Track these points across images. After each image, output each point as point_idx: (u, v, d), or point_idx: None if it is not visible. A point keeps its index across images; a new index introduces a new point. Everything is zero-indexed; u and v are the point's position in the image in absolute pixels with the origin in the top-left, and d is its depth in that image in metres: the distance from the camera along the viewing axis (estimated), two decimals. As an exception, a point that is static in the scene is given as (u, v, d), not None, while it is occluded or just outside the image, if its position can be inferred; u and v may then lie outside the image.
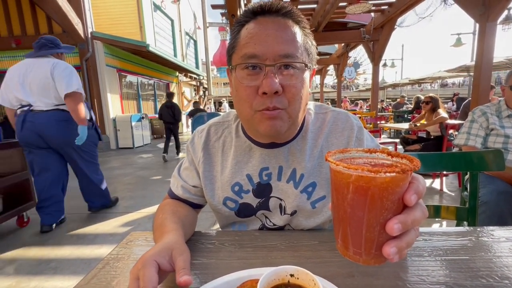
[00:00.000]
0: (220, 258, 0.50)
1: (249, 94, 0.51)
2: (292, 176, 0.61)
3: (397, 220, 0.27)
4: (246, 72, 0.51)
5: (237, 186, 0.63)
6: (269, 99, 0.50)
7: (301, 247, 0.53)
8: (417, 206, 0.29)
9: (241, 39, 0.53)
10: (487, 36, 3.08)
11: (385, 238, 0.28)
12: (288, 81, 0.51)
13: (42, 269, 1.74)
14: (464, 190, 1.58)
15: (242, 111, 0.54)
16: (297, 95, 0.52)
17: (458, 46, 11.34)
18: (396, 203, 0.27)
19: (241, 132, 0.65)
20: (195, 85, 14.35)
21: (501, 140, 1.44)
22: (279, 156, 0.61)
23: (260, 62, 0.50)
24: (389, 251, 0.27)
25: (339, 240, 0.31)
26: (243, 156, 0.64)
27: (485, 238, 0.54)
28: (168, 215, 0.57)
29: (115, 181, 3.94)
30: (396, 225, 0.27)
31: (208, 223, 2.37)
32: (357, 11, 4.51)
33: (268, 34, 0.50)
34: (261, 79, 0.50)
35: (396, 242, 0.28)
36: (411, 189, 0.27)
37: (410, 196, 0.27)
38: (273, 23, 0.51)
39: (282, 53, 0.49)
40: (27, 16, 6.52)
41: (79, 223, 2.47)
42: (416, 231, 0.30)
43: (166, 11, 10.56)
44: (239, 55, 0.52)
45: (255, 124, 0.53)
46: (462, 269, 0.44)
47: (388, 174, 0.25)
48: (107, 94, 6.82)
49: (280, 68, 0.50)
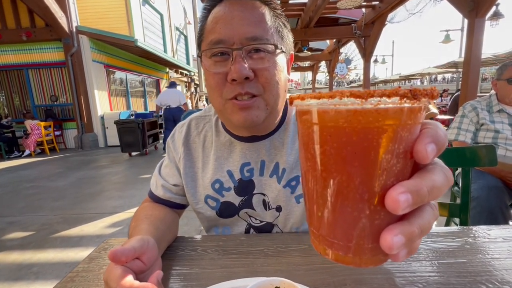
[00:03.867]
0: (202, 267, 0.46)
1: (217, 82, 0.48)
2: (275, 171, 0.58)
3: (403, 188, 0.16)
4: (214, 59, 0.48)
5: (218, 183, 0.60)
6: (240, 86, 0.47)
7: (290, 252, 0.49)
8: (436, 166, 0.18)
9: (207, 25, 0.50)
10: (476, 32, 3.12)
11: (385, 220, 0.17)
12: (260, 65, 0.47)
13: (23, 274, 1.66)
14: (455, 185, 1.59)
15: (213, 101, 0.51)
16: (272, 79, 0.48)
17: (447, 43, 11.53)
18: (400, 159, 0.17)
19: (221, 126, 0.62)
20: (186, 81, 14.12)
21: (491, 135, 1.44)
22: (260, 150, 0.58)
23: (226, 47, 0.47)
24: (391, 241, 0.16)
25: (313, 229, 0.20)
26: (223, 152, 0.60)
27: (482, 238, 0.51)
28: (140, 221, 0.52)
29: (103, 180, 3.83)
30: (402, 196, 0.16)
31: (198, 222, 2.32)
32: (348, 6, 4.49)
33: (233, 16, 0.47)
34: (229, 65, 0.47)
35: (402, 226, 0.17)
36: (426, 136, 0.17)
37: (426, 146, 0.16)
38: (239, 5, 0.48)
39: (250, 35, 0.46)
40: (7, 9, 6.22)
41: (64, 224, 2.38)
42: (434, 210, 0.19)
43: (155, 5, 10.29)
44: (206, 42, 0.49)
45: (227, 115, 0.50)
46: (460, 273, 0.41)
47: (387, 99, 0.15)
48: (94, 91, 6.60)
49: (249, 52, 0.47)
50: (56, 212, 2.68)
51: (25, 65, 6.54)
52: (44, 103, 6.86)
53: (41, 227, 2.33)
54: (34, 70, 6.65)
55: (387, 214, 0.17)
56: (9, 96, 6.88)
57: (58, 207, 2.83)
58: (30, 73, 6.65)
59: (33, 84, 6.75)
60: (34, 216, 2.60)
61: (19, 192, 3.41)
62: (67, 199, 3.07)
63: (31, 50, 6.45)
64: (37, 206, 2.89)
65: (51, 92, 6.82)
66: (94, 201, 2.99)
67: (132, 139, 5.12)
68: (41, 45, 6.40)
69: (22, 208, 2.85)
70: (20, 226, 2.38)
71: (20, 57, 6.48)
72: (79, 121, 6.58)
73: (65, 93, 6.79)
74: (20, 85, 6.77)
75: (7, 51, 6.45)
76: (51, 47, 6.41)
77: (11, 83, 6.77)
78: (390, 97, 0.15)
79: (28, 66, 6.55)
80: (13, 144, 6.10)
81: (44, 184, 3.75)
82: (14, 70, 6.63)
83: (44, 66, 6.58)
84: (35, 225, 2.38)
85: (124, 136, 5.11)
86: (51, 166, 4.98)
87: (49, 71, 6.68)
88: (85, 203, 2.92)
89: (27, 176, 4.21)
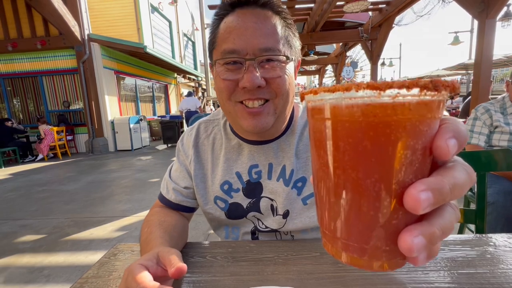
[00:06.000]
0: (212, 275, 0.45)
1: (228, 86, 0.50)
2: (282, 174, 0.59)
3: (424, 186, 0.15)
4: (226, 67, 0.50)
5: (227, 184, 0.61)
6: (251, 92, 0.49)
7: (301, 260, 0.48)
8: (456, 164, 0.17)
9: (220, 34, 0.51)
10: (487, 33, 3.05)
11: (403, 220, 0.16)
12: (271, 74, 0.49)
13: (34, 277, 1.68)
14: (468, 190, 1.54)
15: (223, 104, 0.53)
16: (283, 85, 0.50)
17: (456, 44, 11.33)
18: (419, 155, 0.16)
19: (229, 129, 0.63)
20: (194, 86, 14.30)
21: (506, 138, 1.39)
22: (268, 153, 0.59)
23: (240, 57, 0.48)
24: (411, 243, 0.15)
25: (326, 231, 0.19)
26: (232, 154, 0.62)
27: (503, 247, 0.49)
28: (154, 228, 0.52)
29: (113, 184, 3.88)
30: (423, 194, 0.15)
31: (207, 226, 2.31)
32: (355, 10, 4.48)
33: (247, 28, 0.48)
34: (242, 74, 0.48)
35: (422, 227, 0.16)
36: (447, 130, 0.16)
37: (447, 141, 0.15)
38: (252, 15, 0.49)
39: (262, 46, 0.48)
40: (23, 19, 6.47)
41: (74, 228, 2.41)
42: (455, 210, 0.18)
43: (163, 12, 10.52)
44: (219, 51, 0.50)
45: (237, 118, 0.52)
46: (482, 285, 0.39)
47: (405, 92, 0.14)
48: (105, 97, 6.76)
49: (261, 62, 0.49)
50: (67, 215, 2.73)
51: (39, 72, 6.76)
52: (57, 109, 7.06)
53: (52, 230, 2.37)
54: (48, 77, 6.86)
55: (405, 213, 0.16)
56: (24, 102, 7.12)
57: (69, 210, 2.88)
58: (44, 80, 6.87)
59: (47, 90, 6.96)
60: (45, 219, 2.65)
61: (32, 196, 3.49)
62: (78, 203, 3.12)
63: (45, 58, 6.67)
64: (48, 209, 2.95)
65: (64, 98, 7.02)
66: (103, 204, 3.04)
67: (171, 134, 7.23)
68: (54, 53, 6.62)
69: (34, 211, 2.91)
70: (32, 229, 2.43)
71: (34, 65, 6.71)
72: (90, 126, 6.73)
73: (77, 99, 6.98)
74: (34, 91, 6.99)
75: (23, 59, 6.69)
76: (64, 54, 6.61)
77: (26, 89, 7.00)
78: (410, 88, 0.14)
79: (42, 73, 6.77)
80: (27, 148, 6.28)
81: (56, 187, 3.83)
82: (29, 77, 6.86)
83: (57, 73, 6.79)
84: (47, 228, 2.43)
85: (166, 132, 7.25)
86: (62, 170, 5.09)
87: (62, 77, 6.89)
88: (94, 207, 2.96)
89: (39, 180, 4.31)
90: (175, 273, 0.34)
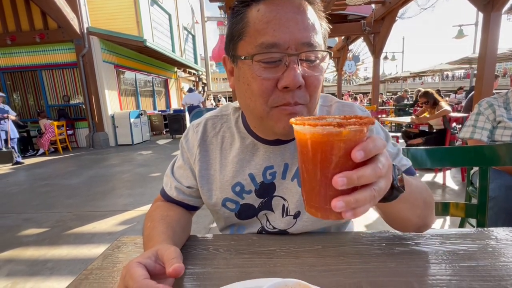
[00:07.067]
0: (215, 266, 0.46)
1: (266, 89, 0.44)
2: (296, 173, 0.56)
3: (342, 175, 0.27)
4: (263, 65, 0.44)
5: (239, 186, 0.57)
6: (290, 94, 0.43)
7: (303, 253, 0.48)
8: (369, 164, 0.28)
9: (252, 24, 0.44)
10: (492, 26, 3.00)
11: (335, 192, 0.28)
12: (311, 73, 0.44)
13: (38, 269, 1.71)
14: (470, 185, 1.54)
15: (254, 108, 0.47)
16: (318, 87, 0.46)
17: (460, 38, 11.20)
18: (345, 158, 0.28)
19: (243, 127, 0.59)
20: (194, 80, 14.22)
21: (509, 133, 1.38)
22: (285, 153, 0.56)
23: (281, 51, 0.42)
24: (335, 204, 0.27)
25: (304, 199, 0.32)
26: (245, 154, 0.57)
27: (504, 240, 0.49)
28: (156, 223, 0.52)
29: (114, 179, 3.90)
30: (340, 179, 0.26)
31: (208, 220, 2.33)
32: (358, 2, 4.41)
33: (288, 18, 0.42)
34: (281, 71, 0.43)
35: (343, 196, 0.28)
36: (359, 146, 0.27)
37: (355, 152, 0.27)
38: (291, 5, 0.43)
39: (306, 40, 0.42)
40: (21, 12, 6.40)
41: (76, 221, 2.44)
42: (373, 191, 0.28)
43: (163, 5, 10.37)
44: (254, 44, 0.43)
45: (271, 122, 0.47)
46: (484, 277, 0.39)
47: (326, 128, 0.26)
48: (104, 91, 6.73)
49: (301, 58, 0.43)
50: (69, 209, 2.75)
51: (38, 66, 6.73)
52: (57, 103, 7.05)
53: (55, 224, 2.40)
54: (47, 71, 6.84)
55: (336, 189, 0.28)
56: (24, 96, 7.11)
57: (71, 204, 2.90)
58: (43, 73, 6.84)
59: (47, 84, 6.94)
60: (48, 213, 2.68)
61: (34, 190, 3.52)
62: (80, 197, 3.15)
63: (44, 52, 6.63)
64: (51, 203, 2.97)
65: (64, 92, 7.00)
66: (105, 198, 3.06)
67: (177, 126, 8.03)
68: (53, 47, 6.57)
69: (36, 205, 2.94)
70: (35, 222, 2.45)
71: (34, 59, 6.68)
72: (90, 121, 6.73)
73: (77, 93, 6.96)
74: (34, 85, 6.97)
75: (22, 53, 6.65)
76: (63, 48, 6.57)
77: (26, 83, 6.98)
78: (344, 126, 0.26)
79: (41, 67, 6.74)
80: (28, 143, 6.30)
81: (58, 182, 3.86)
82: (29, 71, 6.83)
83: (56, 67, 6.75)
84: (49, 221, 2.45)
85: (172, 124, 8.08)
86: (64, 164, 5.12)
87: (62, 71, 6.86)
88: (96, 201, 2.99)
89: (41, 174, 4.34)
90: (172, 273, 0.34)
